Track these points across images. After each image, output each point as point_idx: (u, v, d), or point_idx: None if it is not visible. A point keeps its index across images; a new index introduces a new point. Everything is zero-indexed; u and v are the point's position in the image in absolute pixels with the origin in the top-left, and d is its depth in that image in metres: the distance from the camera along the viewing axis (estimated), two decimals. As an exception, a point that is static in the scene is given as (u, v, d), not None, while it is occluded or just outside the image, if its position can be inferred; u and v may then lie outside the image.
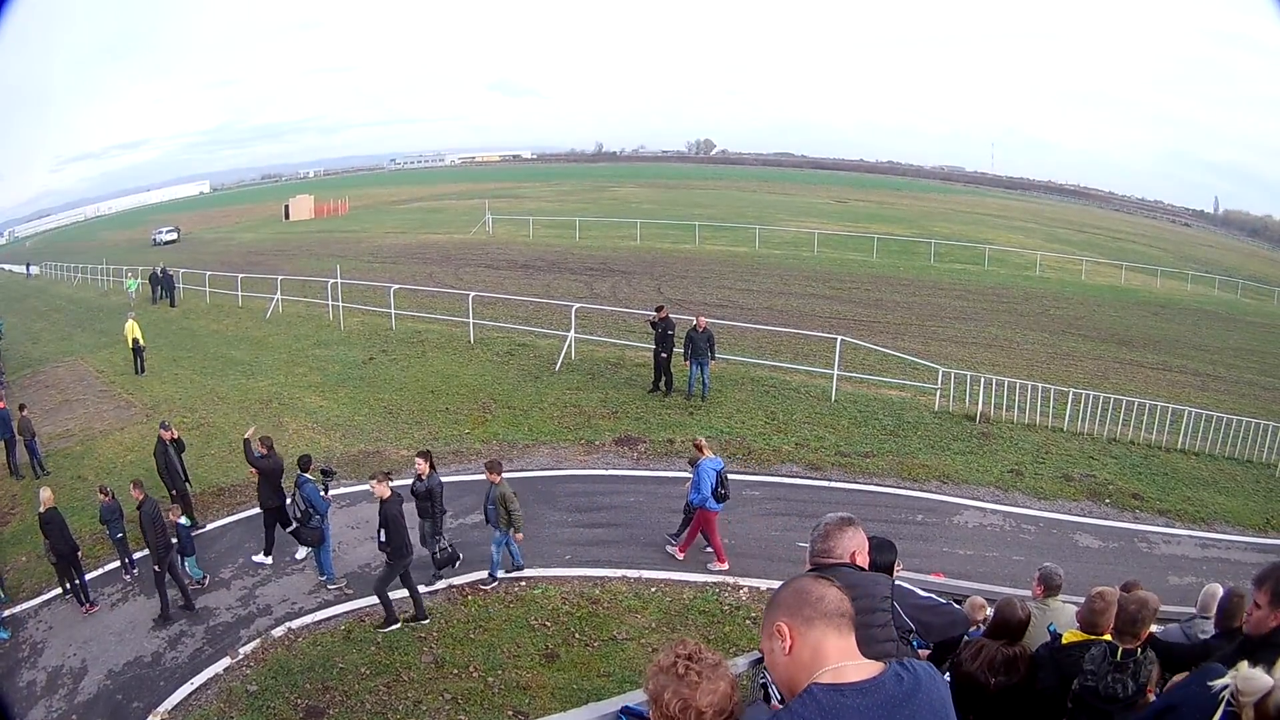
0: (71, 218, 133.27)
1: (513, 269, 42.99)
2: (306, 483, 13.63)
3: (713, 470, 13.27)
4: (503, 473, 13.25)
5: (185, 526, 14.27)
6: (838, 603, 2.32)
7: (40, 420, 21.46)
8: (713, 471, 13.26)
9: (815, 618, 2.28)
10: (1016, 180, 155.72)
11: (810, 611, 2.30)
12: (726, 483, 13.43)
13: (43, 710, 11.55)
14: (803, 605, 2.32)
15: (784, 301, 34.34)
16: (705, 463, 13.37)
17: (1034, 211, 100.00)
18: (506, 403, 21.36)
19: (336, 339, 28.91)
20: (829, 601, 2.31)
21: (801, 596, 2.35)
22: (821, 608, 2.30)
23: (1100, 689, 4.65)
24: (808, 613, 2.30)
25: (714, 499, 13.30)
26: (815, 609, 2.30)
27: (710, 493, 13.22)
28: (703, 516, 13.63)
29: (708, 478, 13.21)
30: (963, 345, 28.31)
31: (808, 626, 2.28)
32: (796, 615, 2.31)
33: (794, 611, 2.32)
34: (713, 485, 13.22)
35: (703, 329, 20.38)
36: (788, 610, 2.34)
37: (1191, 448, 19.21)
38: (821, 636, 2.26)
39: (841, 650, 2.27)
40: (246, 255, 55.22)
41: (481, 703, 10.93)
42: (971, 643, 5.24)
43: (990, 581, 11.51)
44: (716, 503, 13.37)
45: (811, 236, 53.15)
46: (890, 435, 19.31)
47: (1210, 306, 44.45)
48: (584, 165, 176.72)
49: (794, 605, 2.34)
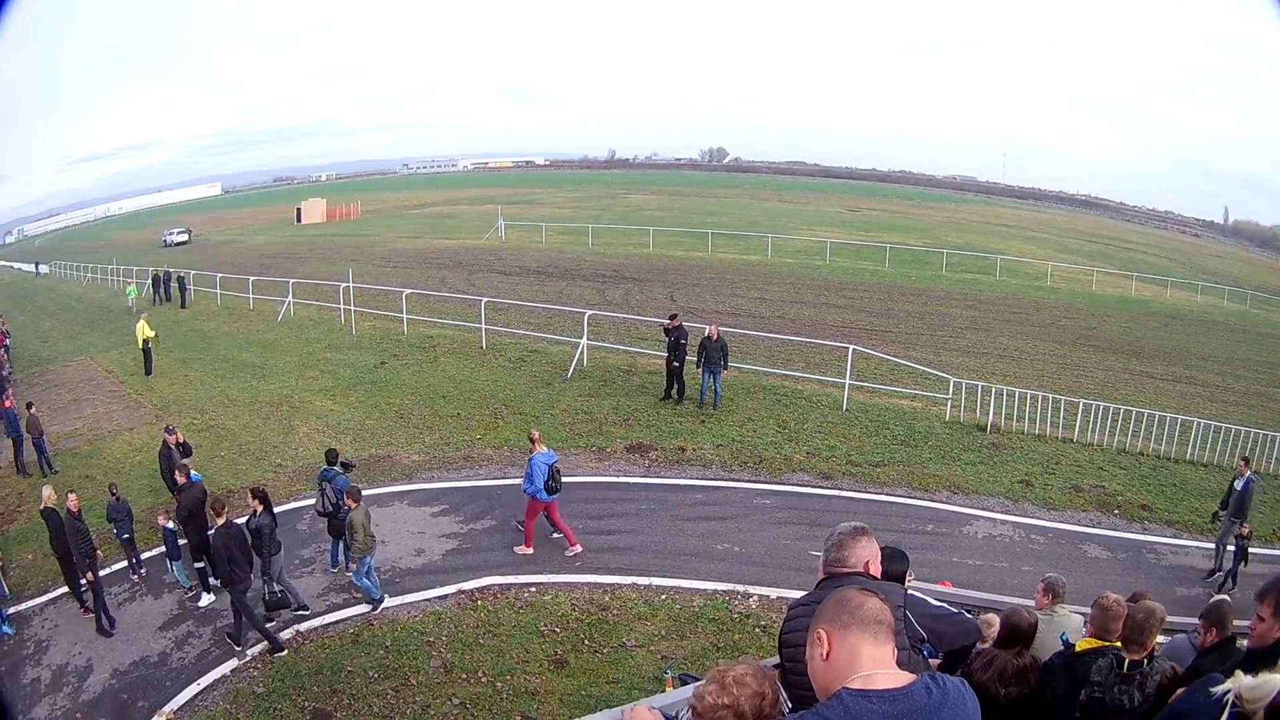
0: (81, 217, 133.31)
1: (525, 275, 43.06)
2: (336, 475, 13.84)
3: (544, 464, 13.99)
4: (360, 499, 13.16)
5: (171, 531, 14.21)
6: (876, 611, 2.38)
7: (48, 419, 21.56)
8: (544, 465, 13.99)
9: (852, 624, 2.35)
10: (1028, 190, 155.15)
11: (848, 618, 2.37)
12: (558, 476, 14.22)
13: (47, 708, 11.57)
14: (841, 612, 2.39)
15: (796, 310, 34.36)
16: (538, 456, 14.05)
17: (1045, 222, 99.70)
18: (518, 409, 21.39)
19: (348, 343, 28.98)
20: (867, 609, 2.37)
21: (842, 604, 2.42)
22: (859, 615, 2.36)
23: (1107, 700, 4.68)
24: (845, 619, 2.37)
25: (545, 491, 14.03)
26: (853, 616, 2.37)
27: (542, 485, 13.96)
28: (532, 504, 14.39)
29: (540, 471, 13.95)
30: (974, 355, 28.29)
31: (844, 632, 2.34)
32: (835, 622, 2.38)
33: (833, 618, 2.39)
34: (545, 478, 13.95)
35: (716, 338, 20.39)
36: (828, 617, 2.41)
37: (1201, 459, 19.16)
38: (857, 642, 2.32)
39: (876, 658, 2.31)
40: (258, 258, 55.43)
41: (490, 708, 10.91)
42: (982, 653, 5.26)
43: (999, 592, 11.52)
44: (548, 494, 14.12)
45: (824, 245, 52.98)
46: (901, 445, 19.28)
47: (1220, 317, 44.27)
48: (597, 172, 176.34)
49: (833, 612, 2.41)
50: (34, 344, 35.86)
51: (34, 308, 46.47)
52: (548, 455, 14.18)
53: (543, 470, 13.95)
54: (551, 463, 14.08)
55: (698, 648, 11.88)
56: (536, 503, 14.29)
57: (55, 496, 13.79)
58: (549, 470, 13.99)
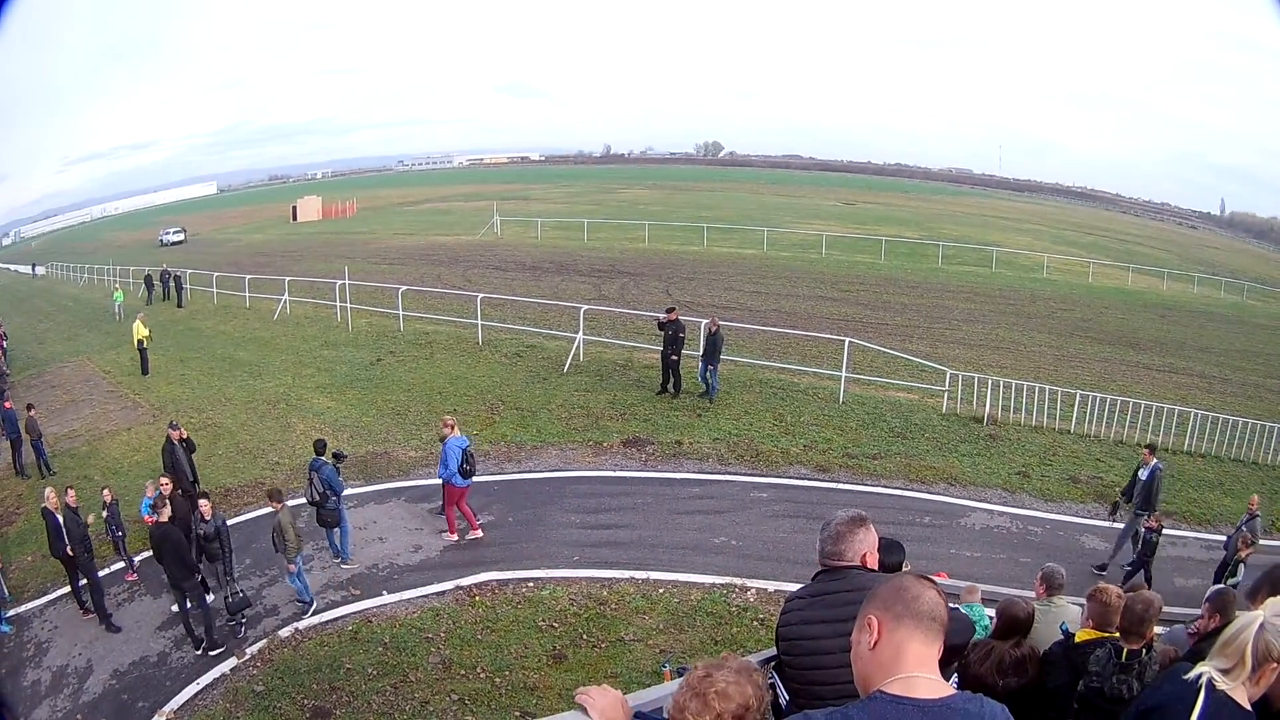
0: (78, 218, 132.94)
1: (521, 270, 43.01)
2: (324, 466, 13.88)
3: (458, 448, 14.32)
4: (283, 501, 13.20)
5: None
6: (932, 606, 2.27)
7: (46, 420, 21.52)
8: (458, 449, 14.32)
9: (906, 616, 2.24)
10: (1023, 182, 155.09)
11: (902, 609, 2.25)
12: (472, 459, 14.67)
13: (47, 710, 11.56)
14: (896, 602, 2.28)
15: (792, 304, 34.36)
16: (451, 440, 14.35)
17: (1041, 213, 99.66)
18: (515, 404, 21.38)
19: (344, 340, 28.94)
20: (924, 603, 2.26)
21: (898, 593, 2.30)
22: (915, 607, 2.25)
23: (1106, 690, 4.68)
24: (899, 610, 2.25)
25: (460, 475, 14.39)
26: (908, 607, 2.25)
27: (456, 468, 14.29)
28: (448, 490, 14.76)
29: (454, 454, 14.26)
30: (970, 347, 28.33)
31: (896, 623, 2.24)
32: (888, 611, 2.27)
33: (887, 606, 2.28)
34: (459, 461, 14.28)
35: (715, 330, 20.50)
36: (882, 604, 2.30)
37: (1198, 450, 19.25)
38: (907, 637, 2.22)
39: (921, 659, 2.21)
40: (254, 256, 55.25)
41: (489, 703, 10.93)
42: (980, 644, 5.26)
43: (997, 583, 11.55)
44: (463, 479, 14.49)
45: (820, 238, 53.08)
46: (898, 437, 19.30)
47: (1216, 309, 44.33)
48: (592, 167, 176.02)
49: (889, 600, 2.29)
50: (31, 345, 35.76)
51: (31, 309, 46.33)
52: (460, 439, 14.51)
53: (456, 454, 14.25)
54: (465, 446, 14.45)
55: (696, 641, 11.89)
56: (453, 488, 14.62)
57: (56, 498, 13.77)
58: (462, 454, 14.31)
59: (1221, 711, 2.93)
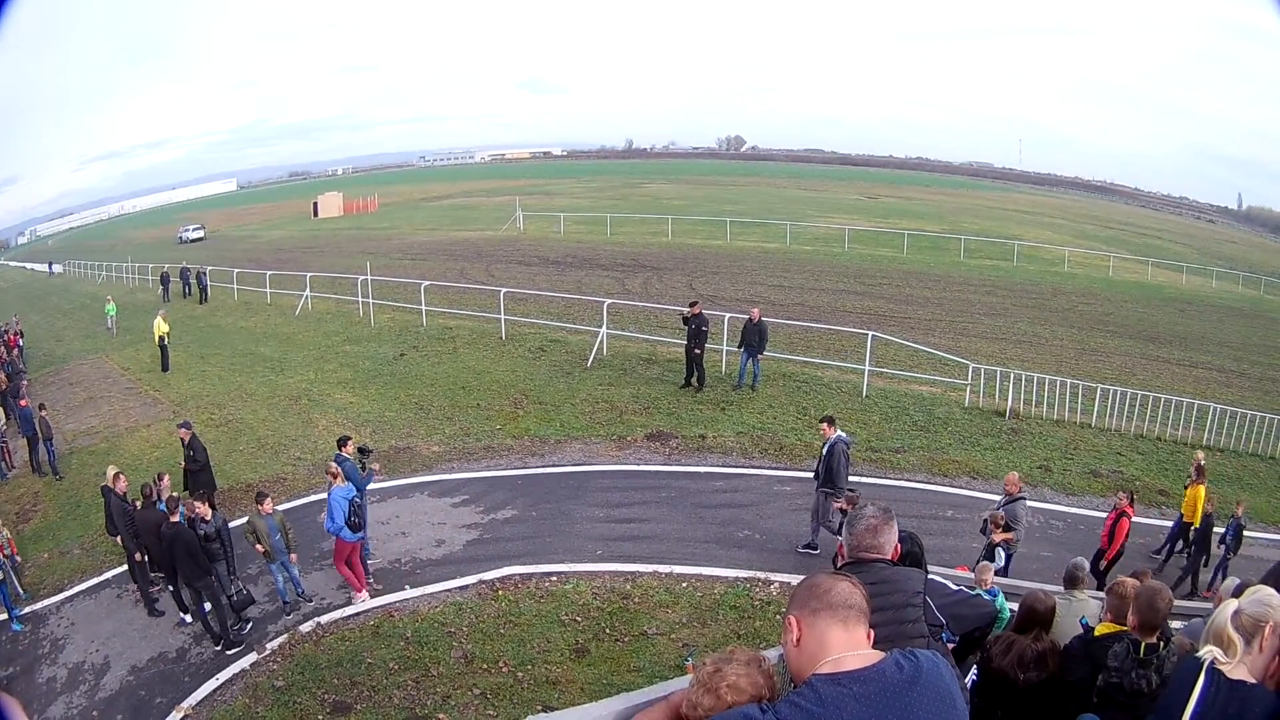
0: (95, 216, 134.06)
1: (544, 265, 43.12)
2: (345, 461, 13.67)
3: (343, 499, 12.70)
4: (265, 503, 13.11)
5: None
6: (845, 595, 2.36)
7: (64, 418, 21.69)
8: (343, 500, 12.69)
9: (821, 609, 2.33)
10: (1044, 176, 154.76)
11: (817, 604, 2.34)
12: (361, 512, 13.05)
13: (63, 706, 11.56)
14: (810, 598, 2.37)
15: (815, 297, 34.26)
16: (336, 490, 12.81)
17: (1061, 207, 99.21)
18: (538, 398, 21.45)
19: (366, 335, 29.09)
20: (836, 594, 2.35)
21: (811, 589, 2.40)
22: (828, 599, 2.34)
23: (1125, 685, 4.72)
24: (814, 605, 2.35)
25: (349, 529, 12.76)
26: (822, 600, 2.34)
27: (344, 522, 12.66)
28: (338, 545, 13.11)
29: (339, 507, 12.66)
30: (992, 341, 28.20)
31: (814, 618, 2.33)
32: (804, 607, 2.36)
33: (803, 604, 2.38)
34: (345, 514, 12.66)
35: (756, 320, 20.72)
36: (798, 603, 2.40)
37: (1217, 444, 19.05)
38: (826, 628, 2.30)
39: (845, 642, 2.29)
40: (275, 253, 55.66)
41: (511, 698, 10.87)
42: (1000, 637, 5.30)
43: (1019, 577, 11.56)
44: (352, 532, 12.86)
45: (842, 233, 52.86)
46: (921, 431, 19.27)
47: (1234, 303, 43.87)
48: (614, 162, 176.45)
49: (804, 598, 2.40)
50: (49, 343, 36.11)
51: (48, 307, 46.76)
52: (347, 489, 12.89)
53: (342, 506, 12.65)
54: (351, 497, 12.81)
55: (719, 635, 11.83)
56: (343, 543, 12.98)
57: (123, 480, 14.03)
58: (349, 506, 12.71)
59: (1221, 688, 3.09)
